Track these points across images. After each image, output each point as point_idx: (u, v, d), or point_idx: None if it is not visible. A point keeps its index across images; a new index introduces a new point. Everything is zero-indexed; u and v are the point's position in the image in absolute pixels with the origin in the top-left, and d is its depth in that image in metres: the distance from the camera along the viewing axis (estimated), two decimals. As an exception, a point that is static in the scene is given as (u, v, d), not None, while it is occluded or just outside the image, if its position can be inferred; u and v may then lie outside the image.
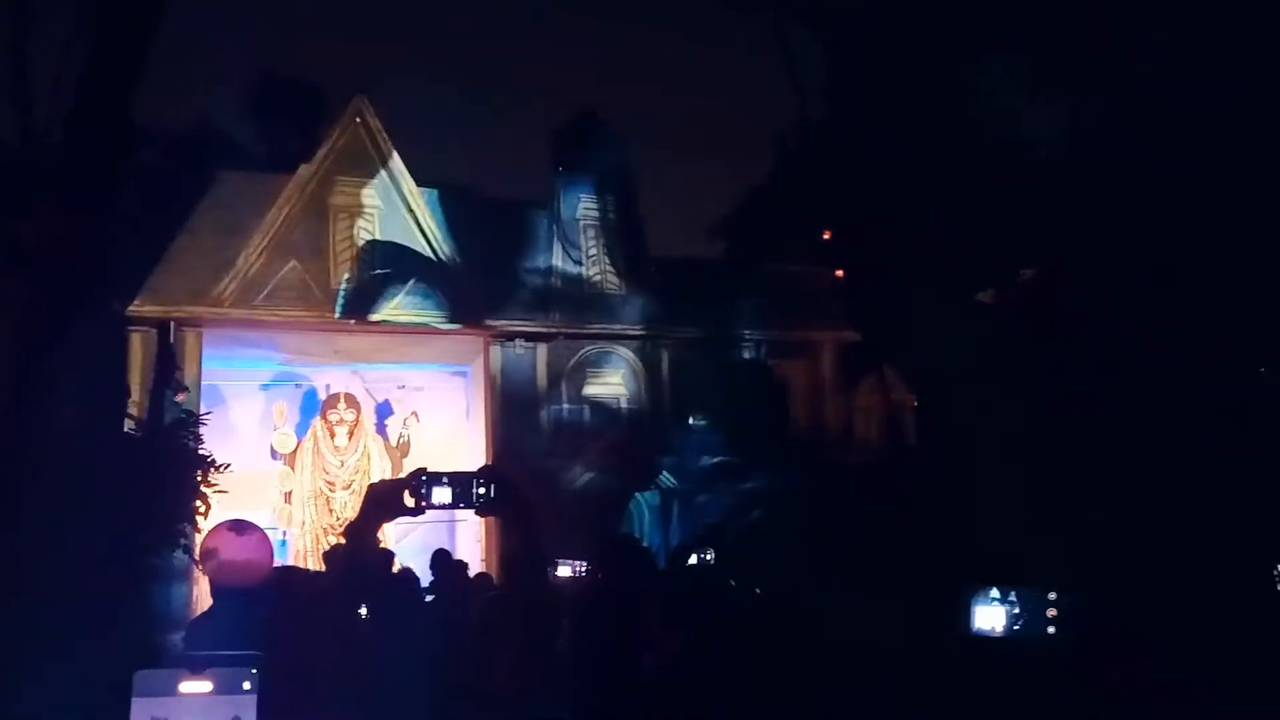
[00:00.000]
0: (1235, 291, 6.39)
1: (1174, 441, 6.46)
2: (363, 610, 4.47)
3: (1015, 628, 1.95)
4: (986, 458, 7.43)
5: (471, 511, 2.59)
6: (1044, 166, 8.55)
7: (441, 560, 6.42)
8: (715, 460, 10.96)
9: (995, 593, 2.00)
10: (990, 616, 2.00)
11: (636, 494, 11.54)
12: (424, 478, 2.47)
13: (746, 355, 12.60)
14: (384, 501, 2.50)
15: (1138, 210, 6.95)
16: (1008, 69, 8.40)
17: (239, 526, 2.60)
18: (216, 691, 1.62)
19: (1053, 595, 1.93)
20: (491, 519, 7.05)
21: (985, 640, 1.99)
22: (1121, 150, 7.40)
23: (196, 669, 1.63)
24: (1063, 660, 1.99)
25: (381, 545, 5.78)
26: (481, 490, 2.49)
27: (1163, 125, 7.01)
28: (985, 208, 8.09)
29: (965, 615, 2.03)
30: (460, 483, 2.49)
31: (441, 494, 2.47)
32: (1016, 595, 1.96)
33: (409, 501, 2.46)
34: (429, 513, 2.52)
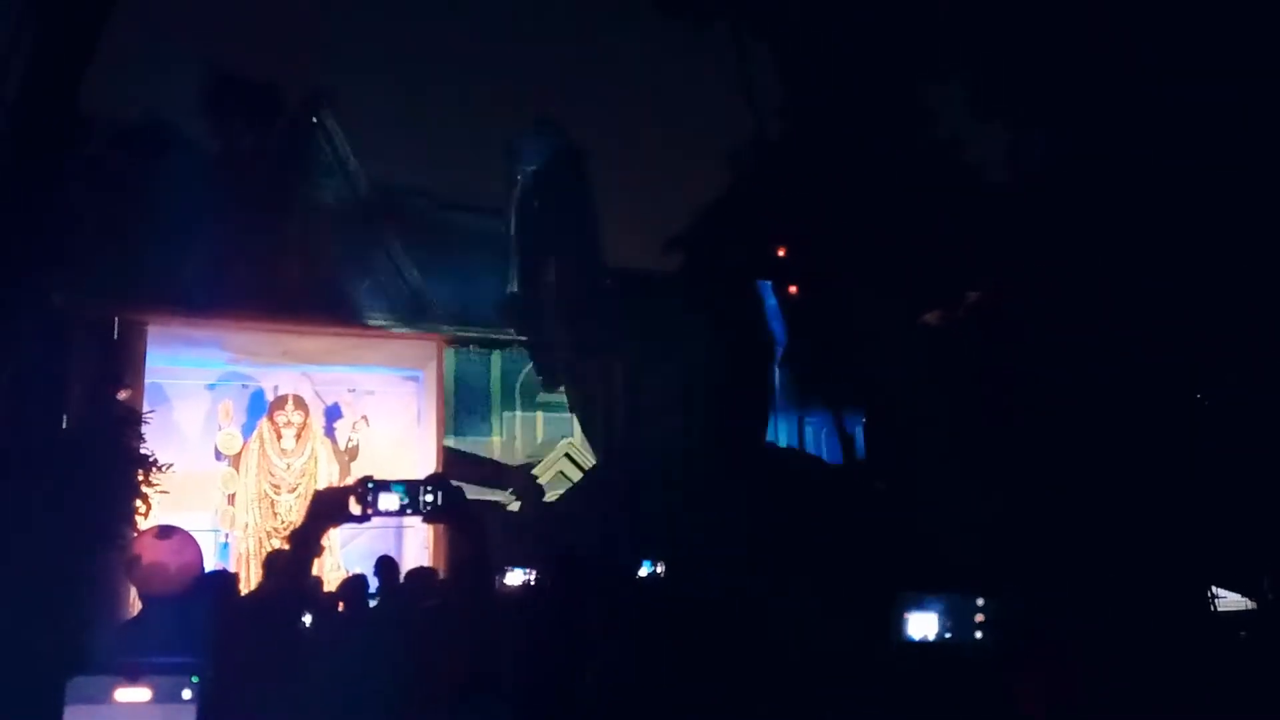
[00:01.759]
0: (1177, 308, 6.58)
1: (1111, 453, 6.66)
2: (306, 618, 4.42)
3: (946, 635, 2.02)
4: (931, 468, 7.59)
5: (419, 519, 2.56)
6: (995, 185, 8.76)
7: (386, 566, 6.37)
8: (667, 471, 11.00)
9: (926, 600, 2.07)
10: (922, 624, 2.07)
11: (588, 503, 11.53)
12: (371, 484, 2.45)
13: (699, 367, 12.68)
14: (330, 507, 2.47)
15: (1080, 233, 7.15)
16: (960, 87, 8.59)
17: (163, 531, 2.52)
18: (155, 700, 1.56)
19: (980, 601, 2.01)
20: (439, 525, 7.01)
21: (918, 645, 2.06)
22: (1069, 171, 7.60)
23: (133, 676, 1.57)
24: (990, 663, 2.07)
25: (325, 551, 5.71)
26: (429, 498, 2.47)
27: (1117, 141, 7.19)
28: (938, 224, 8.26)
29: (899, 623, 2.10)
30: (408, 490, 2.47)
31: (389, 501, 2.45)
32: (946, 602, 2.04)
33: (355, 508, 2.43)
34: (375, 519, 2.50)
